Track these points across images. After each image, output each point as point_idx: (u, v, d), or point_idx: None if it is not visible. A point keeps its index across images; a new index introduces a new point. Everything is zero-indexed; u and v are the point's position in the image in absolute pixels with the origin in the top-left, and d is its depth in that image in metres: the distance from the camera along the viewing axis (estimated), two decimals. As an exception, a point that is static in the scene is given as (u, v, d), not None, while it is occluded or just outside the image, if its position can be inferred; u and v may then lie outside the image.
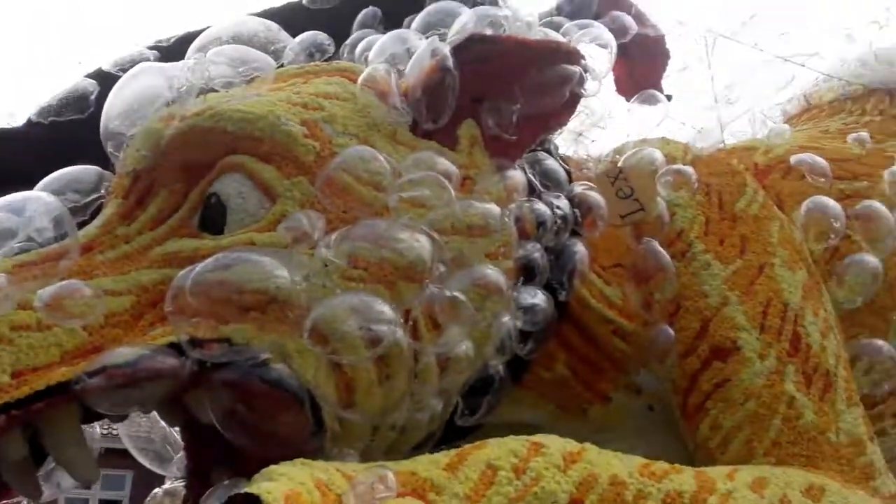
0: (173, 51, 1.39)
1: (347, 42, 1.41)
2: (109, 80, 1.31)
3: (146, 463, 1.39)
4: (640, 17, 1.68)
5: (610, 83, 1.84)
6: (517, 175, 1.28)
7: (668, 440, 1.46)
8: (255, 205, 1.09)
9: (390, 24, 1.43)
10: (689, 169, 1.52)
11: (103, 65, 1.44)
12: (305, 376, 1.04)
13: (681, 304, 1.42)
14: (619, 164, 1.52)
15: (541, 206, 1.26)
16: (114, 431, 1.38)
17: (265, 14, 1.48)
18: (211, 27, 1.29)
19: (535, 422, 1.46)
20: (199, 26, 1.39)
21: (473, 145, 1.26)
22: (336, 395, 1.08)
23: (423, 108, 1.17)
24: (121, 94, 1.20)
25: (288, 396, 1.02)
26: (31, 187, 1.22)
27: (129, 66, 1.33)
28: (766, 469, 1.24)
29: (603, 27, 1.45)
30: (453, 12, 1.31)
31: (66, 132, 1.37)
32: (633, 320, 1.43)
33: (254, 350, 1.01)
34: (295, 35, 1.40)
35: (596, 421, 1.48)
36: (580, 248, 1.35)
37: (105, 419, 1.15)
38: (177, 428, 1.28)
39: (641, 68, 1.79)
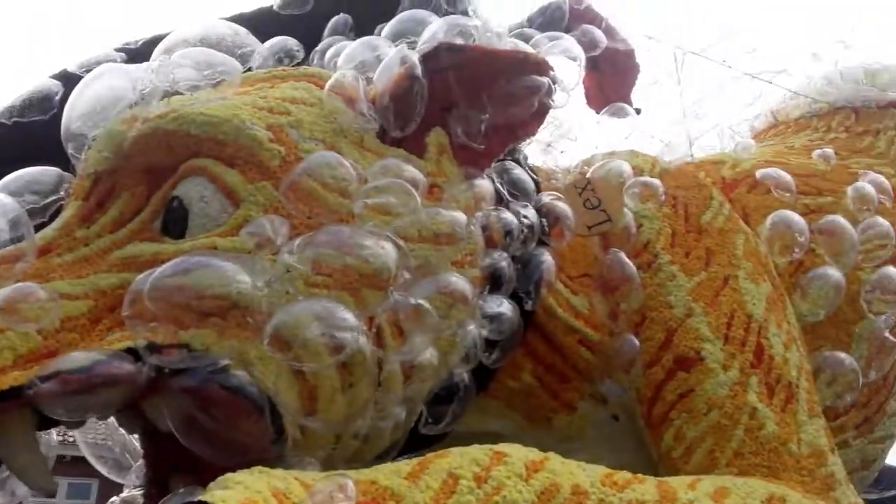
0: (141, 53, 1.38)
1: (318, 48, 1.40)
2: (74, 82, 1.29)
3: (104, 471, 1.36)
4: (610, 32, 1.70)
5: (580, 96, 1.86)
6: (485, 184, 1.28)
7: (632, 450, 1.46)
8: (217, 209, 1.08)
9: (362, 28, 1.43)
10: (657, 181, 1.53)
11: (68, 66, 1.42)
12: (266, 383, 1.02)
13: (646, 315, 1.43)
14: (588, 175, 1.53)
15: (508, 216, 1.26)
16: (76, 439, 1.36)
17: (235, 19, 1.47)
18: (177, 29, 1.28)
19: (501, 431, 1.46)
20: (169, 29, 1.38)
21: (441, 153, 1.26)
22: (298, 402, 1.07)
23: (391, 116, 1.17)
24: (83, 94, 1.18)
25: (248, 404, 1.00)
26: None
27: (94, 67, 1.31)
28: (727, 479, 1.25)
29: (572, 40, 1.47)
30: (424, 21, 1.31)
31: (29, 133, 1.35)
32: (599, 330, 1.44)
33: (213, 356, 0.99)
34: (265, 41, 1.40)
35: (561, 430, 1.48)
36: (547, 257, 1.35)
37: (61, 426, 1.13)
38: (136, 435, 1.26)
39: (611, 82, 1.81)
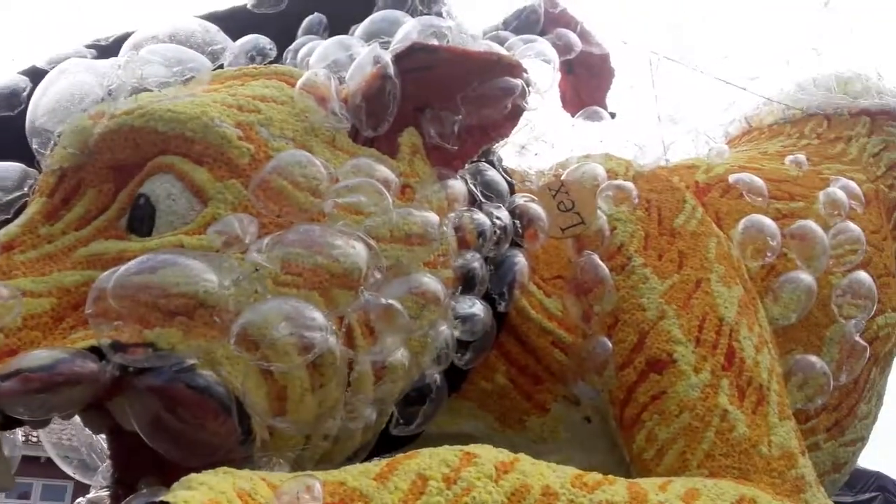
0: (111, 50, 1.36)
1: (291, 47, 1.39)
2: (42, 77, 1.27)
3: (69, 471, 1.33)
4: (585, 36, 1.71)
5: (556, 99, 1.87)
6: (458, 185, 1.28)
7: (605, 451, 1.47)
8: (185, 207, 1.06)
9: (337, 28, 1.42)
10: (630, 185, 1.54)
11: (37, 62, 1.40)
12: (234, 383, 1.01)
13: (619, 317, 1.44)
14: (562, 177, 1.53)
15: (480, 217, 1.26)
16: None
17: (209, 17, 1.45)
18: (147, 26, 1.26)
19: (474, 432, 1.46)
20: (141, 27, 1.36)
21: (414, 154, 1.25)
22: (267, 403, 1.06)
23: (363, 115, 1.16)
24: (49, 90, 1.16)
25: (214, 404, 0.99)
26: None
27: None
28: (698, 481, 1.25)
29: (547, 43, 1.47)
30: (397, 21, 1.31)
31: None
32: (572, 332, 1.44)
33: (179, 355, 0.98)
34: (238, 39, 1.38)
35: (534, 431, 1.48)
36: (520, 259, 1.35)
37: (25, 426, 1.11)
38: (103, 435, 1.24)
39: (586, 85, 1.82)
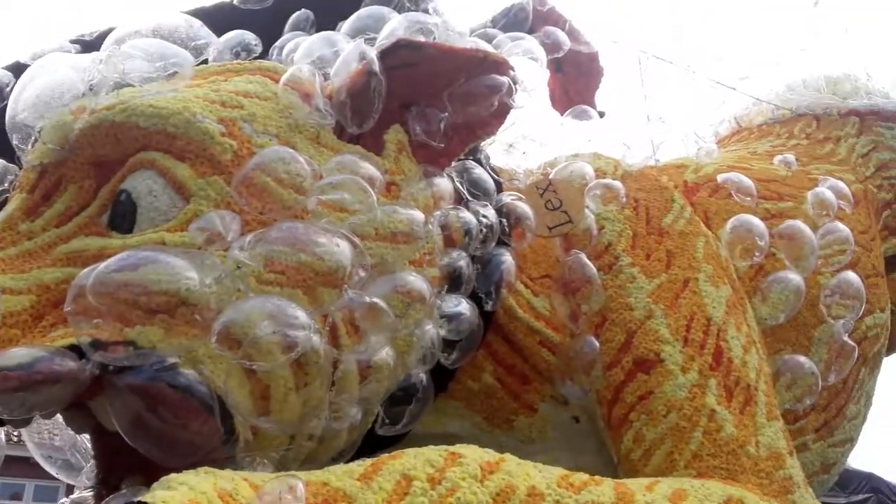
0: (95, 45, 1.34)
1: (277, 44, 1.38)
2: None
3: (53, 472, 1.32)
4: (573, 34, 1.70)
5: (544, 98, 1.86)
6: (444, 183, 1.27)
7: (593, 452, 1.46)
8: (166, 203, 1.05)
9: (324, 24, 1.41)
10: (618, 183, 1.53)
11: (21, 57, 1.38)
12: (216, 382, 1.00)
13: (607, 317, 1.43)
14: (550, 176, 1.53)
15: (466, 215, 1.25)
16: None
17: (195, 13, 1.44)
18: (129, 20, 1.25)
19: (462, 432, 1.45)
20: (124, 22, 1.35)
21: (400, 151, 1.24)
22: (250, 402, 1.04)
23: (348, 112, 1.15)
24: (30, 85, 1.15)
25: (196, 403, 0.98)
26: None
27: (47, 58, 1.27)
28: (685, 481, 1.24)
29: (534, 40, 1.46)
30: (383, 18, 1.30)
31: None
32: (560, 331, 1.44)
33: (160, 354, 0.97)
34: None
35: (522, 432, 1.47)
36: (507, 258, 1.34)
37: (6, 425, 1.10)
38: (87, 435, 1.23)
39: (575, 84, 1.81)
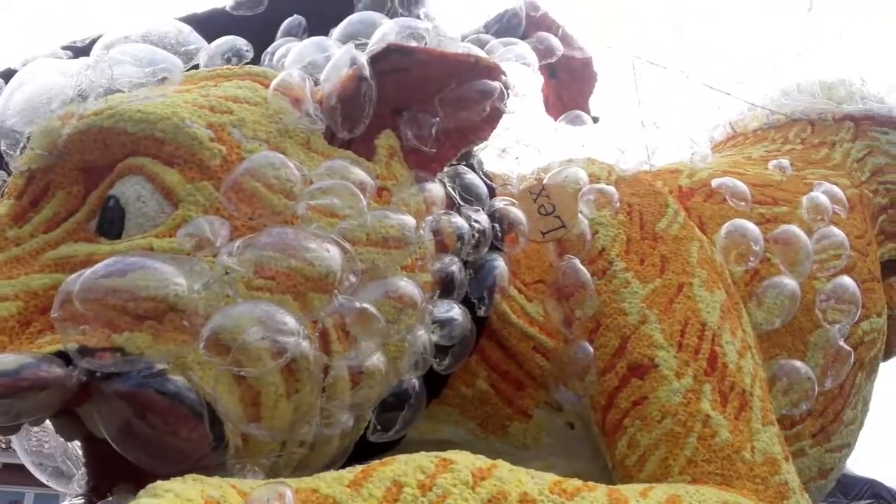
0: (86, 51, 1.34)
1: (269, 49, 1.38)
2: None
3: (44, 479, 1.31)
4: (566, 39, 1.70)
5: (538, 103, 1.87)
6: (435, 188, 1.26)
7: (588, 458, 1.45)
8: (155, 209, 1.05)
9: (317, 30, 1.41)
10: (612, 188, 1.53)
11: (14, 63, 1.38)
12: (205, 389, 0.99)
13: (601, 322, 1.43)
14: (543, 181, 1.53)
15: (458, 220, 1.25)
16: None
17: (188, 19, 1.44)
18: (119, 26, 1.25)
19: (456, 439, 1.44)
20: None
21: (392, 156, 1.24)
22: (240, 408, 1.04)
23: (339, 117, 1.15)
24: (18, 90, 1.14)
25: (185, 409, 0.97)
26: None
27: (38, 65, 1.27)
28: (679, 487, 1.24)
29: (527, 45, 1.46)
30: (375, 23, 1.30)
31: None
32: (554, 337, 1.43)
33: (148, 360, 0.96)
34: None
35: (517, 438, 1.46)
36: (500, 263, 1.34)
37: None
38: (78, 442, 1.22)
39: (569, 89, 1.82)
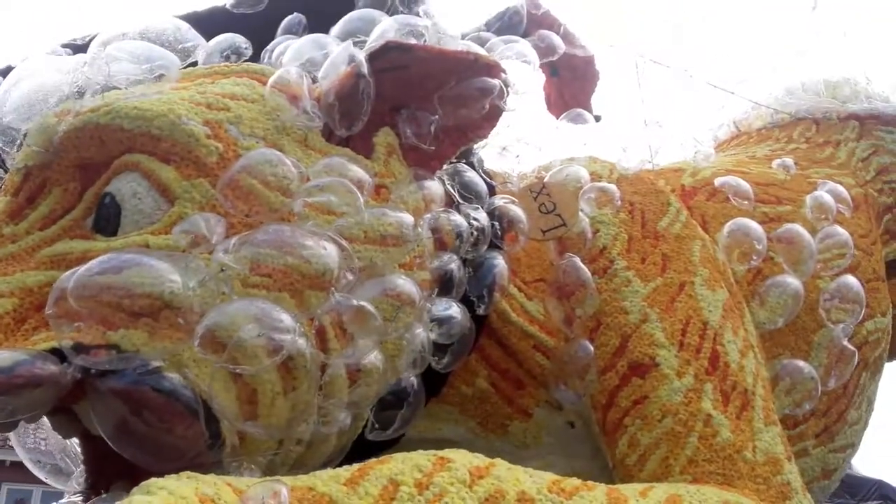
0: (86, 50, 1.34)
1: (268, 47, 1.38)
2: None
3: (43, 477, 1.30)
4: (568, 38, 1.69)
5: (540, 102, 1.86)
6: (434, 186, 1.26)
7: (589, 457, 1.44)
8: (151, 206, 1.04)
9: (317, 28, 1.40)
10: (613, 187, 1.52)
11: (13, 62, 1.38)
12: (201, 386, 0.99)
13: (601, 321, 1.42)
14: (544, 179, 1.52)
15: (457, 218, 1.24)
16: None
17: (189, 17, 1.43)
18: (117, 23, 1.25)
19: (455, 437, 1.43)
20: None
21: (390, 154, 1.23)
22: (237, 406, 1.03)
23: (337, 114, 1.14)
24: (15, 87, 1.14)
25: (180, 407, 0.97)
26: None
27: (39, 63, 1.27)
28: (680, 487, 1.23)
29: (527, 43, 1.46)
30: (374, 20, 1.29)
31: None
32: (554, 335, 1.42)
33: (143, 357, 0.95)
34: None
35: (517, 437, 1.45)
36: (500, 261, 1.33)
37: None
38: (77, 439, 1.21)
39: (571, 88, 1.81)
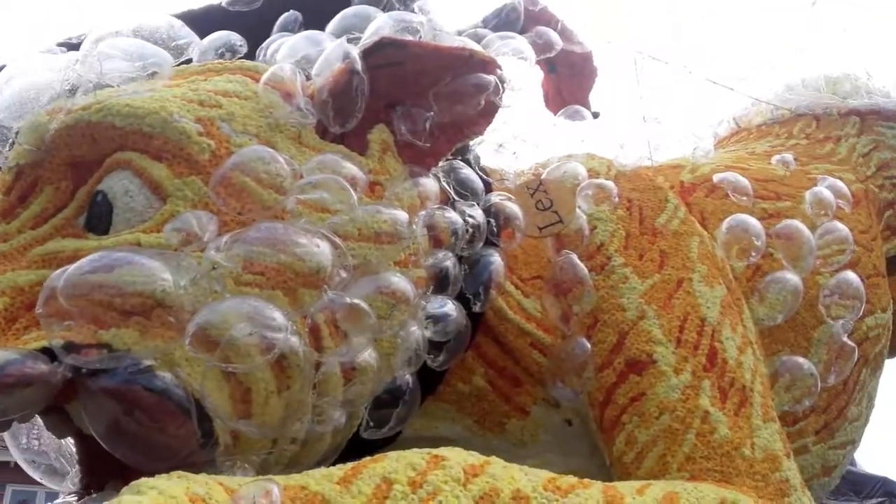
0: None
1: (263, 45, 1.37)
2: None
3: (38, 477, 1.30)
4: (566, 34, 1.68)
5: (538, 98, 1.85)
6: (429, 183, 1.25)
7: (586, 455, 1.44)
8: (143, 204, 1.04)
9: (315, 24, 1.40)
10: (610, 183, 1.52)
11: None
12: (193, 385, 0.99)
13: (598, 318, 1.41)
14: (542, 176, 1.51)
15: (452, 215, 1.24)
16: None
17: (184, 15, 1.43)
18: (110, 21, 1.24)
19: (452, 436, 1.43)
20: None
21: (385, 151, 1.23)
22: (230, 405, 1.03)
23: (330, 111, 1.14)
24: (7, 86, 1.14)
25: (172, 406, 0.96)
26: None
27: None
28: (677, 484, 1.22)
29: (523, 40, 1.45)
30: (369, 17, 1.28)
31: None
32: (551, 333, 1.42)
33: (135, 356, 0.95)
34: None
35: (514, 435, 1.45)
36: (496, 258, 1.32)
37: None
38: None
39: (568, 84, 1.80)
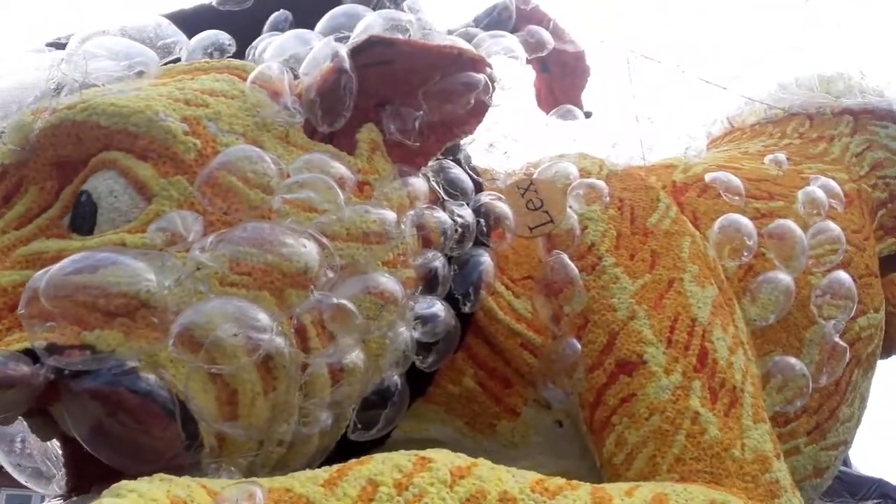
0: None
1: (253, 44, 1.36)
2: None
3: (23, 480, 1.29)
4: (558, 33, 1.68)
5: (530, 97, 1.84)
6: (419, 182, 1.24)
7: (577, 456, 1.43)
8: (128, 204, 1.03)
9: (305, 23, 1.39)
10: (601, 183, 1.51)
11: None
12: (178, 387, 0.98)
13: (589, 318, 1.40)
14: (532, 176, 1.51)
15: (441, 214, 1.23)
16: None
17: (175, 15, 1.42)
18: (97, 20, 1.23)
19: (442, 437, 1.42)
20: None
21: (374, 150, 1.22)
22: (215, 407, 1.02)
23: (318, 110, 1.13)
24: (-7, 85, 1.13)
25: (157, 407, 0.95)
26: None
27: (20, 61, 1.26)
28: (667, 486, 1.22)
29: (514, 38, 1.44)
30: (358, 16, 1.28)
31: None
32: (541, 333, 1.41)
33: (119, 358, 0.94)
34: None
35: (505, 436, 1.44)
36: (486, 258, 1.32)
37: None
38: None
39: (561, 84, 1.79)
